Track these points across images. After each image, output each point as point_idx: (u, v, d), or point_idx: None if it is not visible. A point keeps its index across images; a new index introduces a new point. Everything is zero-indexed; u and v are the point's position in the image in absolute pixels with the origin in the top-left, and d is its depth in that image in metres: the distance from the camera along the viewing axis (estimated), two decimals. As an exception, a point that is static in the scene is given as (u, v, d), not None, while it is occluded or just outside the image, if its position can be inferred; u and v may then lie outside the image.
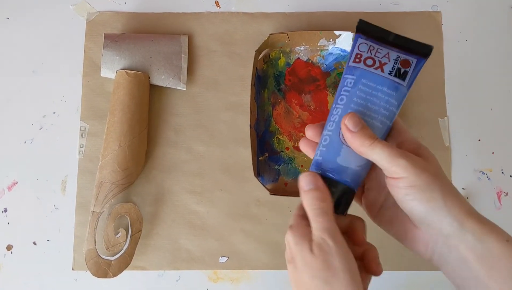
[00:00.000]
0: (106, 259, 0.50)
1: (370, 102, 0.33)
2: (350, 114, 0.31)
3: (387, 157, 0.29)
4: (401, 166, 0.29)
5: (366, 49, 0.34)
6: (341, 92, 0.34)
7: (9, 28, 0.58)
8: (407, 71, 0.33)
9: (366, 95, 0.33)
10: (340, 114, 0.33)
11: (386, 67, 0.33)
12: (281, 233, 0.53)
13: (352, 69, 0.34)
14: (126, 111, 0.52)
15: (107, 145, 0.52)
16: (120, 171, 0.51)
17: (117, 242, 0.51)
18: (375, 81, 0.33)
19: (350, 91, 0.33)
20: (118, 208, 0.51)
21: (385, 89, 0.33)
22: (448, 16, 0.59)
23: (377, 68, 0.33)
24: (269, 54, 0.57)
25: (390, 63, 0.33)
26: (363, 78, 0.33)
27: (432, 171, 0.29)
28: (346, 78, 0.34)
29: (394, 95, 0.33)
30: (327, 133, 0.34)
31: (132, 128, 0.52)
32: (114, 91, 0.53)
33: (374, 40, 0.34)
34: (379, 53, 0.33)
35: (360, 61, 0.33)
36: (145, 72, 0.54)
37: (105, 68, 0.54)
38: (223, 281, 0.53)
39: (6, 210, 0.54)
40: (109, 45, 0.54)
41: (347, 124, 0.31)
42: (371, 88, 0.33)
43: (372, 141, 0.30)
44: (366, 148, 0.30)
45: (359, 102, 0.33)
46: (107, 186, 0.51)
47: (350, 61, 0.34)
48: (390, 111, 0.33)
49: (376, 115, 0.33)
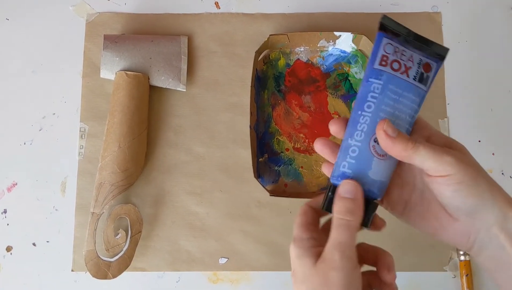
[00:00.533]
0: (106, 261, 0.50)
1: (398, 109, 0.31)
2: (387, 121, 0.30)
3: (433, 157, 0.29)
4: (447, 163, 0.29)
5: (392, 51, 0.32)
6: (367, 98, 0.32)
7: (9, 29, 0.58)
8: (429, 76, 0.32)
9: (394, 103, 0.31)
10: (369, 123, 0.31)
11: (411, 71, 0.31)
12: (281, 234, 0.53)
13: (378, 72, 0.32)
14: (125, 112, 0.52)
15: (106, 146, 0.52)
16: (120, 172, 0.51)
17: (117, 243, 0.51)
18: (402, 87, 0.31)
19: (377, 98, 0.31)
20: (117, 210, 0.51)
21: (410, 96, 0.31)
22: (448, 17, 0.59)
23: (403, 73, 0.31)
24: (269, 55, 0.57)
25: (414, 67, 0.31)
26: (390, 83, 0.31)
27: (474, 165, 0.30)
28: (372, 83, 0.32)
29: (417, 101, 0.31)
30: (354, 143, 0.32)
31: (132, 129, 0.52)
32: (114, 92, 0.53)
33: (398, 41, 0.32)
34: (404, 55, 0.32)
35: (387, 64, 0.31)
36: (145, 73, 0.54)
37: (105, 69, 0.54)
38: (223, 282, 0.53)
39: (5, 211, 0.54)
40: (108, 46, 0.53)
41: (387, 130, 0.30)
42: (399, 94, 0.31)
43: (414, 143, 0.29)
44: (409, 152, 0.29)
45: (387, 110, 0.31)
46: (106, 187, 0.51)
47: (375, 63, 0.32)
48: (413, 117, 0.32)
49: (402, 122, 0.31)
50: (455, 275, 0.53)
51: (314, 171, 0.55)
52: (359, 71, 0.56)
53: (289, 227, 0.54)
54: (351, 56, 0.57)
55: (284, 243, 0.53)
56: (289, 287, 0.53)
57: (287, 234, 0.53)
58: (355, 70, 0.57)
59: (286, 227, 0.54)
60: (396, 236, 0.53)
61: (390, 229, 0.54)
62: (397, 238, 0.53)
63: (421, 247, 0.53)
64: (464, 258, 0.52)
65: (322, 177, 0.55)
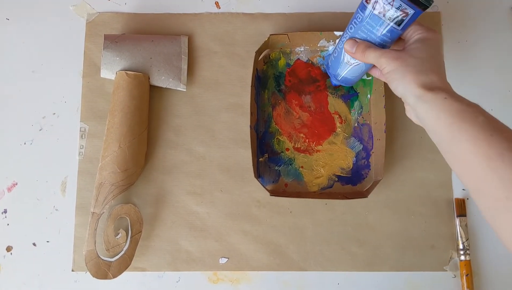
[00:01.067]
0: (106, 260, 0.50)
1: (370, 37, 0.42)
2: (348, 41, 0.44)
3: (374, 58, 0.41)
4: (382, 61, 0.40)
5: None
6: (351, 22, 0.44)
7: (9, 29, 0.58)
8: (404, 20, 0.40)
9: (368, 32, 0.42)
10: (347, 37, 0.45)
11: (388, 13, 0.40)
12: (281, 234, 0.53)
13: (363, 6, 0.42)
14: (126, 112, 0.52)
15: (107, 146, 0.51)
16: (120, 172, 0.51)
17: (117, 243, 0.51)
18: (377, 22, 0.41)
19: (357, 25, 0.43)
20: (118, 209, 0.51)
21: (382, 30, 0.41)
22: (448, 16, 0.59)
23: (380, 13, 0.40)
24: (269, 55, 0.57)
25: (392, 9, 0.39)
26: (369, 18, 0.41)
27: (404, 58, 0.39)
28: (357, 12, 0.43)
29: (389, 35, 0.42)
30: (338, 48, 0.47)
31: (132, 129, 0.52)
32: (114, 92, 0.53)
33: None
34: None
35: (369, 2, 0.41)
36: (145, 73, 0.53)
37: (105, 69, 0.54)
38: (223, 282, 0.53)
39: (6, 211, 0.54)
40: (109, 46, 0.53)
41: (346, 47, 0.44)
42: (372, 27, 0.42)
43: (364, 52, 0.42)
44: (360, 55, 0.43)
45: (362, 35, 0.43)
46: (107, 187, 0.51)
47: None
48: (386, 42, 0.42)
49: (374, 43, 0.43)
50: (455, 275, 0.53)
51: (314, 171, 0.55)
52: (359, 71, 0.57)
53: (289, 227, 0.54)
54: (351, 56, 0.57)
55: (284, 243, 0.53)
56: (289, 286, 0.53)
57: (288, 234, 0.53)
58: (355, 70, 0.57)
59: (287, 227, 0.54)
60: (396, 236, 0.53)
61: (390, 229, 0.54)
62: (397, 238, 0.53)
63: (421, 247, 0.53)
64: (464, 258, 0.52)
65: (322, 177, 0.55)
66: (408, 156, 0.55)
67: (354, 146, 0.55)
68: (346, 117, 0.56)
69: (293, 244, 0.53)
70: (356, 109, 0.56)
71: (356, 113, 0.56)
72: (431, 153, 0.55)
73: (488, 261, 0.53)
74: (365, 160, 0.55)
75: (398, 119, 0.56)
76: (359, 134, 0.56)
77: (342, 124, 0.56)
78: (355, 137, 0.55)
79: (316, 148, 0.55)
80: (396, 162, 0.55)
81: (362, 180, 0.54)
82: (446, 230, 0.54)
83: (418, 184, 0.55)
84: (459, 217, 0.53)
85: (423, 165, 0.55)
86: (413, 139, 0.56)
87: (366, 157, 0.55)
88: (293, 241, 0.53)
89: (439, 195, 0.54)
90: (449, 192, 0.54)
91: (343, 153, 0.55)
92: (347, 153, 0.55)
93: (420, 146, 0.55)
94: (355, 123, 0.56)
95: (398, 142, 0.55)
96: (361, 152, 0.55)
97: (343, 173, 0.55)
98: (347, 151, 0.55)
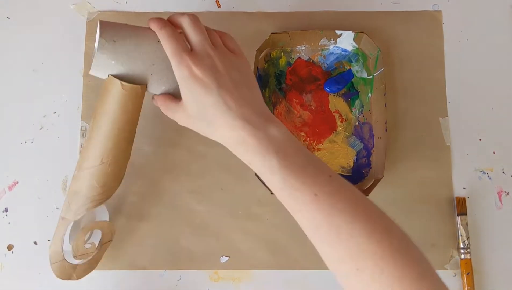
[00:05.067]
0: (71, 263, 0.48)
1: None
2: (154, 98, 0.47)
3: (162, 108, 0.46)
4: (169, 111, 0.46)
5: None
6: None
7: (9, 27, 0.58)
8: None
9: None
10: None
11: None
12: (283, 233, 0.54)
13: None
14: (113, 127, 0.45)
15: (87, 157, 0.46)
16: (97, 187, 0.46)
17: (86, 251, 0.49)
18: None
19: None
20: (92, 225, 0.49)
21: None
22: (449, 15, 0.59)
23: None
24: (270, 54, 0.57)
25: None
26: None
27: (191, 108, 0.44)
28: None
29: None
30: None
31: (118, 144, 0.46)
32: (103, 97, 0.45)
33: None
34: None
35: None
36: (143, 82, 0.45)
37: (96, 70, 0.44)
38: (224, 281, 0.53)
39: (6, 210, 0.54)
40: (105, 46, 0.42)
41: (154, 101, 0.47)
42: None
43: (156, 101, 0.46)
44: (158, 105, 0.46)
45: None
46: (81, 199, 0.46)
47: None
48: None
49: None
50: (456, 274, 0.53)
51: (315, 169, 0.55)
52: (360, 69, 0.57)
53: (290, 225, 0.54)
54: (352, 55, 0.57)
55: (285, 241, 0.53)
56: (290, 285, 0.53)
57: (289, 232, 0.53)
58: (356, 69, 0.57)
59: (287, 225, 0.54)
60: (397, 234, 0.53)
61: (391, 227, 0.54)
62: (398, 237, 0.53)
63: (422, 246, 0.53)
64: (465, 257, 0.52)
65: (323, 175, 0.55)
66: (409, 155, 0.55)
67: (355, 144, 0.55)
68: (347, 115, 0.56)
69: (294, 243, 0.53)
70: (357, 108, 0.56)
71: (357, 111, 0.56)
72: (432, 151, 0.55)
73: (488, 259, 0.53)
74: (366, 158, 0.55)
75: (399, 117, 0.56)
76: (360, 132, 0.56)
77: (343, 122, 0.56)
78: (356, 135, 0.56)
79: (317, 146, 0.55)
80: (397, 161, 0.55)
81: (363, 179, 0.54)
82: (447, 228, 0.54)
83: (418, 183, 0.55)
84: (459, 215, 0.53)
85: (424, 164, 0.55)
86: (414, 137, 0.56)
87: (367, 156, 0.55)
88: (294, 239, 0.53)
89: (439, 194, 0.54)
90: (450, 191, 0.55)
91: (344, 152, 0.55)
92: (348, 152, 0.55)
93: (421, 144, 0.55)
94: (356, 121, 0.56)
95: (399, 141, 0.55)
96: (361, 151, 0.55)
97: (344, 171, 0.55)
98: (348, 150, 0.55)
